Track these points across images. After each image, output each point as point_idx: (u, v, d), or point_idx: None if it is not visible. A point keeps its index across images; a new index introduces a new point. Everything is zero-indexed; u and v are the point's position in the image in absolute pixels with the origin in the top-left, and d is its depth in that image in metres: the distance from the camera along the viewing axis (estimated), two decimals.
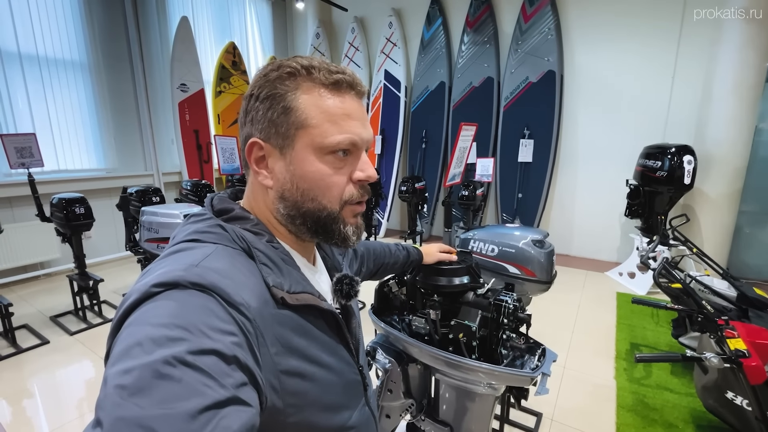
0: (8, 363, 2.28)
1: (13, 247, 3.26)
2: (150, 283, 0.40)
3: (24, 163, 2.60)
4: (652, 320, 2.78)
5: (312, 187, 0.53)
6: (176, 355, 0.33)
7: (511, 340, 0.99)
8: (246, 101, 0.54)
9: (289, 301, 0.49)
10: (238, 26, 5.04)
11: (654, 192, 3.24)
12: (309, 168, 0.52)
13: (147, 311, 0.38)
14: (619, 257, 4.01)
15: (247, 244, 0.50)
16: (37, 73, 3.37)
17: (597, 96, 3.94)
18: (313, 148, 0.51)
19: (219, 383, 0.34)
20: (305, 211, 0.54)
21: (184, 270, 0.41)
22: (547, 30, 3.91)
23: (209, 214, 0.54)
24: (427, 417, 1.13)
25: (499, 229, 1.49)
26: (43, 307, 2.98)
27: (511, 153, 4.22)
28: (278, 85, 0.51)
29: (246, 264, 0.48)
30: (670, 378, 2.11)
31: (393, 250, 1.01)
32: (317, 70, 0.51)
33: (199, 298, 0.39)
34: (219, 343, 0.37)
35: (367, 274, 0.95)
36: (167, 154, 4.42)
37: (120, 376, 0.32)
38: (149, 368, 0.32)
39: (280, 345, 0.46)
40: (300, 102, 0.50)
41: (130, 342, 0.35)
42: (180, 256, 0.46)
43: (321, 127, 0.51)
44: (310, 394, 0.50)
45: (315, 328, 0.53)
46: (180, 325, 0.36)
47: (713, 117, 3.20)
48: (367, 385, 0.66)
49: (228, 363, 0.36)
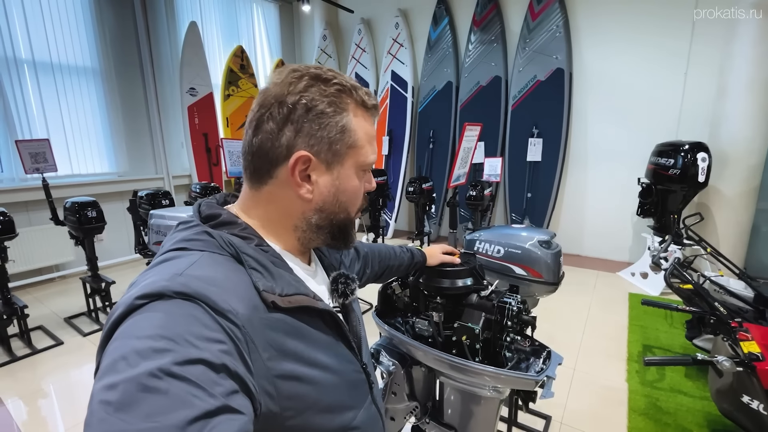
0: (24, 363, 2.33)
1: (29, 250, 3.33)
2: (134, 296, 0.39)
3: (38, 168, 2.66)
4: (665, 321, 2.72)
5: (349, 199, 0.57)
6: (162, 367, 0.33)
7: (516, 342, 0.97)
8: (288, 109, 0.51)
9: (281, 304, 0.48)
10: (246, 30, 5.09)
11: (667, 190, 3.17)
12: (352, 183, 0.57)
13: (132, 324, 0.38)
14: (631, 257, 3.93)
15: (235, 249, 0.49)
16: (50, 80, 3.45)
17: (607, 93, 3.87)
18: (356, 166, 0.56)
19: (208, 392, 0.34)
20: (337, 222, 0.57)
21: (168, 280, 0.41)
22: (555, 27, 3.87)
23: (196, 220, 0.53)
24: (431, 420, 1.12)
25: (504, 229, 1.48)
26: (57, 308, 3.05)
27: (519, 152, 4.17)
28: (334, 103, 0.52)
29: (234, 270, 0.48)
30: (684, 381, 2.06)
31: (397, 252, 1.01)
32: (361, 92, 0.55)
33: (184, 308, 0.39)
34: (206, 351, 0.36)
35: (372, 276, 0.94)
36: (177, 158, 4.49)
37: (105, 391, 0.32)
38: (134, 382, 0.32)
39: (273, 349, 0.46)
40: (353, 123, 0.54)
41: (115, 356, 0.35)
42: (165, 266, 0.46)
43: (365, 147, 0.56)
44: (308, 397, 0.49)
45: (312, 329, 0.52)
46: (165, 336, 0.36)
47: (728, 114, 3.12)
48: (372, 384, 0.65)
49: (216, 371, 0.36)
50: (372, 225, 3.48)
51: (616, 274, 3.65)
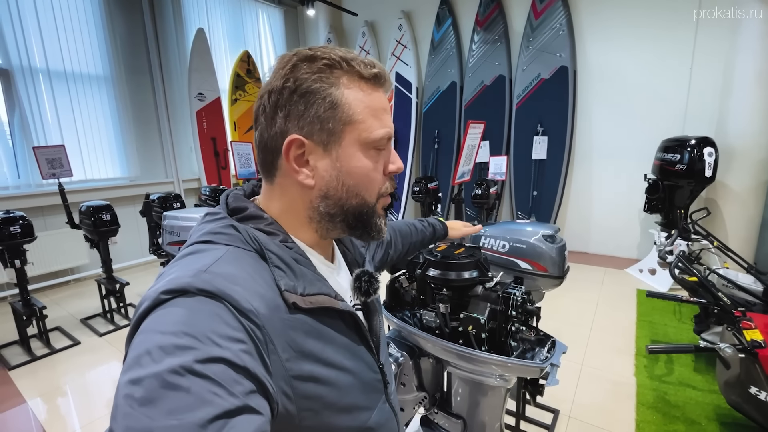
0: (43, 363, 2.40)
1: (46, 253, 3.42)
2: (159, 290, 0.40)
3: (54, 173, 2.74)
4: (674, 317, 2.71)
5: (357, 182, 0.52)
6: (184, 364, 0.34)
7: (521, 332, 1.00)
8: (276, 95, 0.49)
9: (302, 304, 0.47)
10: (252, 35, 5.17)
11: (674, 186, 3.16)
12: (356, 164, 0.51)
13: (156, 319, 0.38)
14: (639, 254, 3.92)
15: (259, 245, 0.48)
16: (64, 88, 3.55)
17: (612, 90, 3.87)
18: (359, 143, 0.51)
19: (228, 391, 0.34)
20: (349, 208, 0.53)
21: (193, 276, 0.41)
22: (558, 25, 3.88)
23: (223, 213, 0.53)
24: (440, 410, 1.15)
25: (509, 225, 1.50)
26: (74, 310, 3.13)
27: (524, 150, 4.18)
28: (321, 79, 0.48)
29: (257, 267, 0.47)
30: (692, 375, 2.06)
31: (419, 227, 1.04)
32: (356, 63, 0.50)
33: (207, 305, 0.39)
34: (227, 350, 0.36)
35: (396, 255, 0.96)
36: (186, 162, 4.57)
37: (130, 386, 0.33)
38: (158, 378, 0.33)
39: (293, 350, 0.45)
40: (345, 97, 0.49)
41: (139, 350, 0.35)
42: (191, 259, 0.45)
43: (366, 122, 0.51)
44: (326, 398, 0.49)
45: (331, 330, 0.51)
46: (188, 333, 0.36)
47: (735, 108, 3.11)
48: (387, 383, 0.63)
49: (237, 371, 0.36)
50: None
51: (624, 271, 3.64)
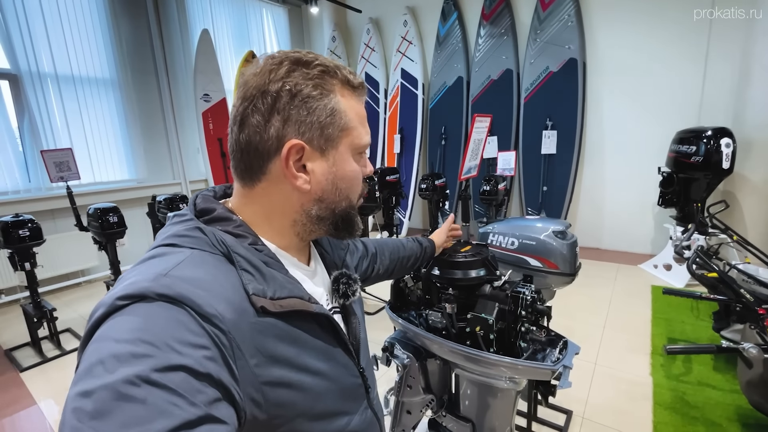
0: (54, 364, 2.42)
1: (56, 256, 3.46)
2: (116, 296, 0.38)
3: (63, 176, 2.76)
4: (691, 314, 2.63)
5: (349, 186, 0.55)
6: (140, 374, 0.31)
7: (531, 332, 0.96)
8: (272, 99, 0.48)
9: (272, 309, 0.46)
10: (257, 35, 5.16)
11: (689, 179, 3.07)
12: (349, 168, 0.54)
13: (112, 326, 0.36)
14: (653, 249, 3.82)
15: (226, 248, 0.47)
16: (72, 91, 3.58)
17: (623, 81, 3.77)
18: (351, 149, 0.53)
19: (188, 401, 0.32)
20: (339, 210, 0.55)
21: (152, 280, 0.39)
22: (567, 17, 3.79)
23: (190, 215, 0.51)
24: (448, 413, 1.11)
25: (518, 221, 1.45)
26: (84, 311, 3.16)
27: (533, 145, 4.10)
28: (320, 85, 0.49)
29: (223, 270, 0.45)
30: (712, 374, 1.99)
31: (406, 244, 0.99)
32: (345, 71, 0.52)
33: (167, 311, 0.37)
34: (188, 358, 0.35)
35: (383, 271, 0.92)
36: (193, 163, 4.59)
37: (80, 398, 0.31)
38: (110, 389, 0.30)
39: (262, 355, 0.44)
40: (343, 104, 0.51)
41: (92, 360, 0.33)
42: (152, 263, 0.44)
43: (357, 129, 0.53)
44: (299, 404, 0.47)
45: (305, 333, 0.50)
46: (146, 341, 0.34)
47: (753, 98, 3.00)
48: (369, 387, 0.62)
49: (199, 378, 0.34)
50: (386, 223, 3.48)
51: (638, 267, 3.55)
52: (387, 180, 3.35)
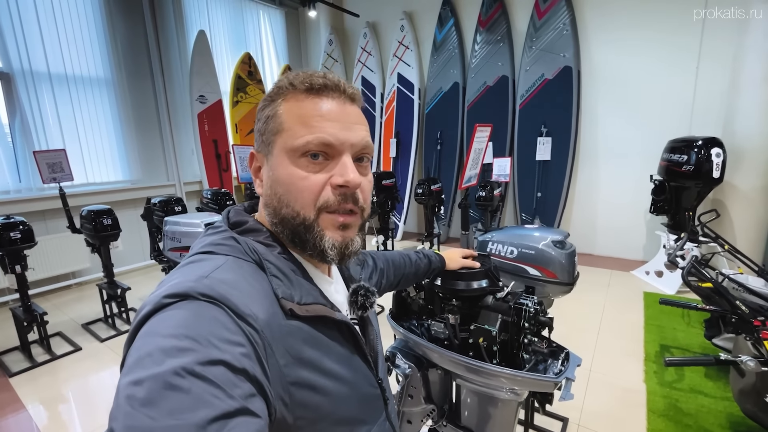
0: (44, 369, 2.37)
1: (47, 258, 3.40)
2: (162, 294, 0.41)
3: (55, 177, 2.72)
4: (682, 320, 2.67)
5: (285, 191, 0.52)
6: (185, 366, 0.34)
7: (533, 344, 0.97)
8: None
9: (299, 312, 0.49)
10: (253, 37, 5.15)
11: (680, 187, 3.12)
12: (282, 171, 0.52)
13: (158, 322, 0.39)
14: (645, 255, 3.87)
15: (258, 256, 0.51)
16: (65, 91, 3.53)
17: (616, 90, 3.83)
18: (285, 151, 0.52)
19: (227, 394, 0.35)
20: (282, 218, 0.53)
21: (195, 281, 0.42)
22: (562, 25, 3.84)
23: (224, 226, 0.55)
24: (449, 423, 1.11)
25: (517, 230, 1.47)
26: (75, 315, 3.10)
27: (528, 152, 4.14)
28: (269, 98, 0.55)
29: (256, 276, 0.49)
30: (704, 381, 2.02)
31: (413, 258, 0.97)
32: (311, 78, 0.53)
33: (208, 309, 0.40)
34: (227, 353, 0.37)
35: (387, 286, 0.92)
36: (188, 165, 4.55)
37: (131, 386, 0.33)
38: (159, 379, 0.33)
39: (290, 356, 0.46)
40: (280, 110, 0.53)
41: (141, 353, 0.36)
42: (192, 267, 0.47)
43: (292, 129, 0.51)
44: (322, 407, 0.49)
45: (328, 339, 0.52)
46: (189, 336, 0.37)
47: (742, 108, 3.07)
48: (387, 400, 0.64)
49: (236, 373, 0.37)
50: (381, 227, 3.49)
51: (630, 273, 3.59)
52: (383, 184, 3.36)
